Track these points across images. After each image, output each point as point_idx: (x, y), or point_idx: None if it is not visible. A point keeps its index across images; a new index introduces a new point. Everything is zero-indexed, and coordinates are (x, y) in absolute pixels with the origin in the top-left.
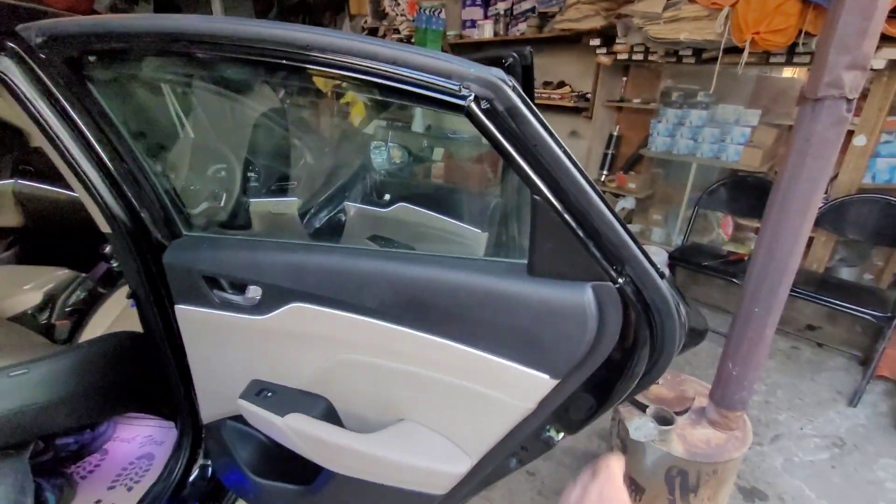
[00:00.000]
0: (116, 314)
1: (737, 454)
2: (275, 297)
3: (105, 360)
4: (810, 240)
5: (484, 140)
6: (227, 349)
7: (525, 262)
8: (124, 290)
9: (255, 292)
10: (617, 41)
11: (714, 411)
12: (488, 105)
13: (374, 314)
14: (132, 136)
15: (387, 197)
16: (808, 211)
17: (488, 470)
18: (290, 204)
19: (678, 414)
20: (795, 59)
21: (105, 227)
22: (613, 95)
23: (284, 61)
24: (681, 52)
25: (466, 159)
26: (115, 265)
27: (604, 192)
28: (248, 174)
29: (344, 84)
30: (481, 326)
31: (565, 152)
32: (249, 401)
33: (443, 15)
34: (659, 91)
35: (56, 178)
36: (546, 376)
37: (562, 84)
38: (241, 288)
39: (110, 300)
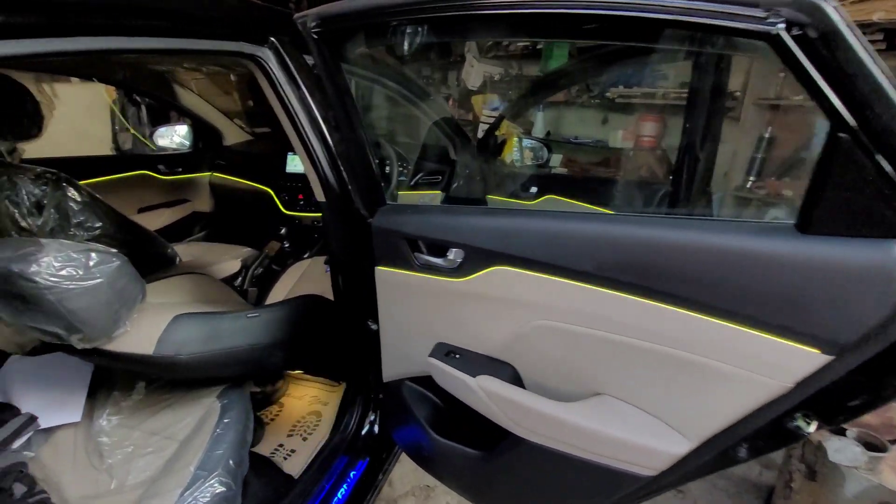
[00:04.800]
0: (290, 287)
1: None
2: (477, 260)
3: (306, 314)
4: None
5: (612, 143)
6: (417, 311)
7: (785, 221)
8: (293, 270)
9: (456, 255)
10: None
11: None
12: (800, 31)
13: (586, 279)
14: (362, 112)
15: (533, 190)
16: None
17: (708, 456)
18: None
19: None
20: None
21: (321, 197)
22: (767, 93)
23: (583, 11)
24: (870, 38)
25: (588, 164)
26: (286, 246)
27: (749, 200)
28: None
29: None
30: (728, 292)
31: (890, 81)
32: (440, 360)
33: None
34: None
35: (241, 171)
36: (815, 351)
37: None
38: (440, 253)
39: (285, 275)
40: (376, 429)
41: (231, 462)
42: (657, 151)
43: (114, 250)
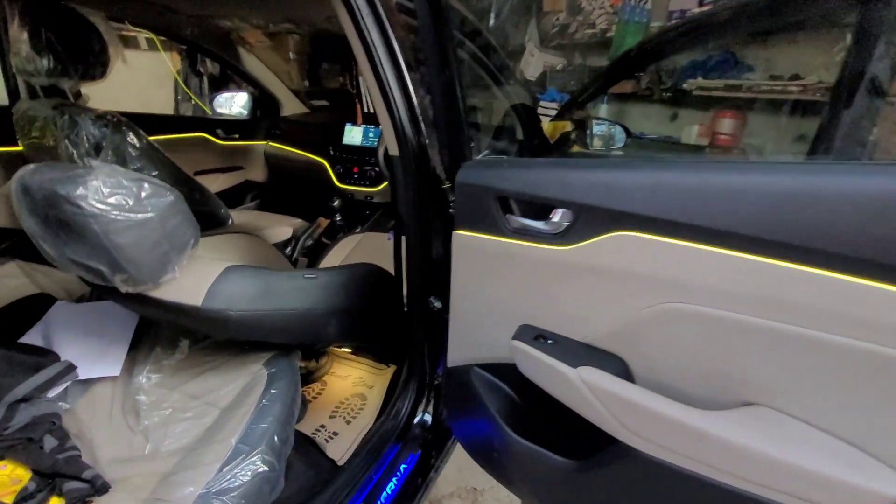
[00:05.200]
0: (341, 259)
1: None
2: (592, 223)
3: (367, 283)
4: None
5: (685, 140)
6: (502, 284)
7: None
8: (344, 244)
9: (562, 217)
10: None
11: None
12: None
13: (760, 249)
14: (457, 57)
15: None
16: None
17: None
18: None
19: None
20: None
21: (394, 151)
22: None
23: None
24: None
25: None
26: (338, 219)
27: None
28: None
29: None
30: None
31: None
32: (528, 344)
33: (648, 5)
34: None
35: (297, 142)
36: None
37: (796, 77)
38: (539, 214)
39: (335, 248)
40: (428, 418)
41: (276, 439)
42: (736, 151)
43: (168, 185)
